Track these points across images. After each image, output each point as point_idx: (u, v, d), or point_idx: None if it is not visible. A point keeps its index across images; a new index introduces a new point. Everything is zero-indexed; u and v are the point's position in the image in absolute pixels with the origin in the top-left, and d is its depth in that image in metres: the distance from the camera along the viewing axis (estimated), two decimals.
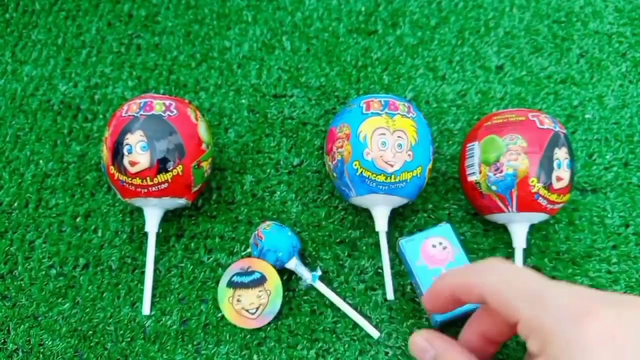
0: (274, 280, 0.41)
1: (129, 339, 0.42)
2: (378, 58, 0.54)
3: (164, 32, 0.56)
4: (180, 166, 0.41)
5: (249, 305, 0.40)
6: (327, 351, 0.41)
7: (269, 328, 0.42)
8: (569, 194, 0.40)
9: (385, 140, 0.39)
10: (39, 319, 0.43)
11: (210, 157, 0.43)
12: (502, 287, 0.26)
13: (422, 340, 0.30)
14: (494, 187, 0.39)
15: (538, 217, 0.40)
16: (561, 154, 0.39)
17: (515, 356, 0.39)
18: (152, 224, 0.43)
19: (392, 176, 0.39)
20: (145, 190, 0.40)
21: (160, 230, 0.46)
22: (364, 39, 0.55)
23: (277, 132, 0.50)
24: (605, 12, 0.55)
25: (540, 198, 0.38)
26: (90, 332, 0.42)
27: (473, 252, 0.44)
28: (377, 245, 0.44)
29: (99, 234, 0.46)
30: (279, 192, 0.47)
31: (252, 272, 0.41)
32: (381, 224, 0.42)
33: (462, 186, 0.43)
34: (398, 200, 0.41)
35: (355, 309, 0.42)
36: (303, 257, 0.44)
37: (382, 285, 0.42)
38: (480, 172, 0.40)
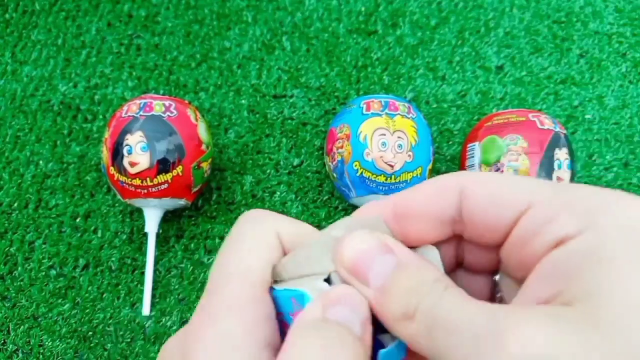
0: None
1: (129, 340, 0.42)
2: (378, 58, 0.54)
3: (164, 32, 0.56)
4: (180, 167, 0.41)
5: None
6: None
7: None
8: None
9: (385, 140, 0.39)
10: (39, 319, 0.43)
11: (210, 157, 0.43)
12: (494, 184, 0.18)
13: (374, 241, 0.17)
14: None
15: None
16: (561, 155, 0.39)
17: None
18: (151, 224, 0.43)
19: (392, 177, 0.39)
20: (145, 191, 0.40)
21: (160, 231, 0.46)
22: (364, 39, 0.55)
23: (277, 133, 0.50)
24: (605, 13, 0.55)
25: None
26: (90, 333, 0.42)
27: None
28: None
29: (99, 235, 0.46)
30: (279, 193, 0.47)
31: None
32: None
33: None
34: None
35: None
36: None
37: None
38: None
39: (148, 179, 0.40)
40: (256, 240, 0.19)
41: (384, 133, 0.39)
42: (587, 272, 0.15)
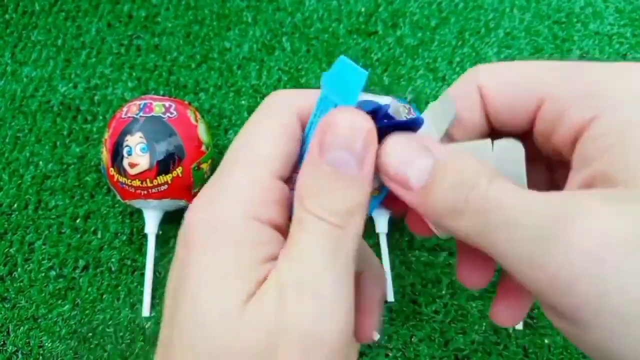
0: None
1: (129, 341, 0.42)
2: (378, 59, 0.54)
3: (164, 32, 0.56)
4: (180, 168, 0.41)
5: None
6: None
7: None
8: None
9: None
10: (39, 320, 0.43)
11: (210, 158, 0.43)
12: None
13: (411, 142, 0.17)
14: None
15: None
16: None
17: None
18: (151, 225, 0.43)
19: None
20: (145, 192, 0.40)
21: (160, 232, 0.45)
22: (364, 40, 0.55)
23: None
24: (605, 13, 0.55)
25: None
26: (90, 334, 0.42)
27: None
28: (377, 246, 0.44)
29: (99, 236, 0.46)
30: None
31: None
32: (381, 226, 0.42)
33: None
34: None
35: None
36: None
37: None
38: None
39: (148, 180, 0.40)
40: (272, 130, 0.19)
41: None
42: (611, 153, 0.16)
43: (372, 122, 0.17)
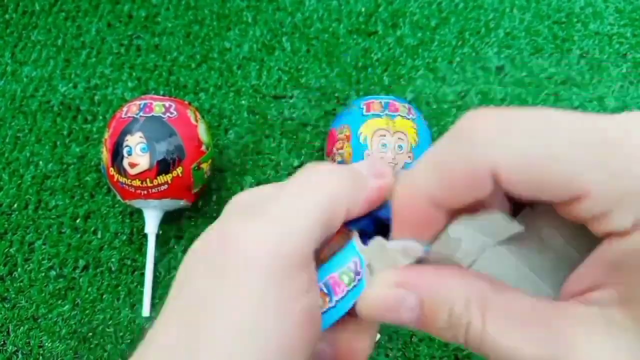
0: None
1: (129, 341, 0.42)
2: (378, 59, 0.54)
3: (164, 32, 0.56)
4: (180, 168, 0.41)
5: None
6: None
7: None
8: None
9: (385, 141, 0.39)
10: (39, 320, 0.43)
11: (210, 158, 0.43)
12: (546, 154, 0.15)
13: (392, 290, 0.17)
14: None
15: None
16: None
17: None
18: (151, 225, 0.43)
19: None
20: (145, 192, 0.40)
21: (160, 232, 0.45)
22: (364, 40, 0.55)
23: (277, 133, 0.50)
24: (605, 13, 0.55)
25: None
26: (90, 334, 0.42)
27: None
28: None
29: (99, 236, 0.46)
30: None
31: None
32: None
33: None
34: None
35: None
36: None
37: None
38: None
39: (148, 180, 0.40)
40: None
41: (384, 134, 0.39)
42: (630, 273, 0.15)
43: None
